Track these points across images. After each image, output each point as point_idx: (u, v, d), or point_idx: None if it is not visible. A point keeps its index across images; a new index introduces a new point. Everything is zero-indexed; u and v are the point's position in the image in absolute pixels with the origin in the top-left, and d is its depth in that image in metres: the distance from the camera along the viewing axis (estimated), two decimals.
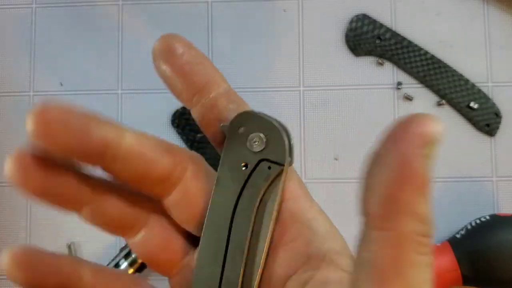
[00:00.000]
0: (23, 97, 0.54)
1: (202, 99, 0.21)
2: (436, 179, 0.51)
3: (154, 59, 0.20)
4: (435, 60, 0.51)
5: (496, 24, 0.52)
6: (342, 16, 0.53)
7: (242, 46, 0.53)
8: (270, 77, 0.52)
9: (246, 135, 0.20)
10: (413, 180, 0.15)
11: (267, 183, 0.20)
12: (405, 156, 0.15)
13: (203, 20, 0.54)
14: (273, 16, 0.53)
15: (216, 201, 0.20)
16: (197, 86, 0.20)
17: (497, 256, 0.44)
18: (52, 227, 0.52)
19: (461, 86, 0.51)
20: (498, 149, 0.51)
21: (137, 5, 0.54)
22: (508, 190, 0.50)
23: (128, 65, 0.53)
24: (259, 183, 0.20)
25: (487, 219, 0.46)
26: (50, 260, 0.20)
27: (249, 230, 0.20)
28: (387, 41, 0.52)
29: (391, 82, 0.52)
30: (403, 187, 0.15)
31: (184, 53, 0.20)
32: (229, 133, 0.20)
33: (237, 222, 0.20)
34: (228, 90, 0.21)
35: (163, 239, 0.21)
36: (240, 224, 0.20)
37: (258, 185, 0.20)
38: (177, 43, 0.20)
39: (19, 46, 0.55)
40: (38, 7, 0.55)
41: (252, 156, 0.20)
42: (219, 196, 0.20)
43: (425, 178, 0.15)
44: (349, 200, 0.50)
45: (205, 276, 0.20)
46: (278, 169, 0.20)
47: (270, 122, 0.20)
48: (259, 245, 0.20)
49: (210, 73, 0.21)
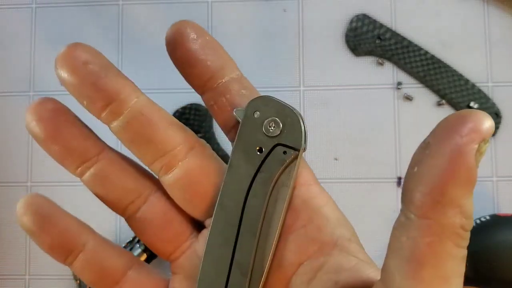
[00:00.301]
0: (23, 97, 0.54)
1: (214, 85, 0.21)
2: None
3: (167, 45, 0.21)
4: (435, 60, 0.51)
5: (496, 24, 0.52)
6: (342, 16, 0.53)
7: (242, 46, 0.53)
8: (270, 77, 0.52)
9: (262, 119, 0.20)
10: (464, 173, 0.15)
11: (282, 168, 0.20)
12: (460, 149, 0.15)
13: (203, 20, 0.54)
14: (273, 16, 0.53)
15: (228, 184, 0.20)
16: (210, 71, 0.20)
17: (497, 256, 0.44)
18: None
19: (461, 86, 0.51)
20: (498, 149, 0.51)
21: (137, 5, 0.54)
22: (508, 190, 0.50)
23: (128, 65, 0.53)
24: (273, 167, 0.20)
25: (487, 219, 0.46)
26: (60, 215, 0.20)
27: (261, 214, 0.20)
28: (387, 41, 0.52)
29: (391, 82, 0.52)
30: (454, 180, 0.15)
31: (197, 39, 0.20)
32: (245, 118, 0.20)
33: (250, 206, 0.20)
34: (240, 76, 0.21)
35: (164, 219, 0.21)
36: (253, 208, 0.20)
37: (272, 170, 0.20)
38: (190, 28, 0.20)
39: (19, 46, 0.55)
40: (38, 7, 0.55)
41: (268, 140, 0.20)
42: (232, 179, 0.20)
43: (474, 173, 0.15)
44: (349, 200, 0.51)
45: (215, 258, 0.20)
46: (294, 154, 0.20)
47: (287, 107, 0.20)
48: (271, 229, 0.20)
49: (223, 59, 0.21)
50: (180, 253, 0.22)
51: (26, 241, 0.52)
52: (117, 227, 0.52)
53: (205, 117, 0.52)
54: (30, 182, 0.53)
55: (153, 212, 0.21)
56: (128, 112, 0.20)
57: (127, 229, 0.52)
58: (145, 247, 0.48)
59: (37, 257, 0.52)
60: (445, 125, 0.15)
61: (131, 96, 0.20)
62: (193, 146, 0.21)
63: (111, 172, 0.21)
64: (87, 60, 0.19)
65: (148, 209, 0.21)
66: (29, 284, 0.52)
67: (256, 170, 0.20)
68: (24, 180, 0.53)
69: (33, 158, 0.53)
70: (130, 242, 0.50)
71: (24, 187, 0.53)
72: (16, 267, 0.52)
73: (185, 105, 0.52)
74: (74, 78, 0.19)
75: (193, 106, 0.52)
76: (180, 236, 0.21)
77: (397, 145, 0.51)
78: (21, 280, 0.52)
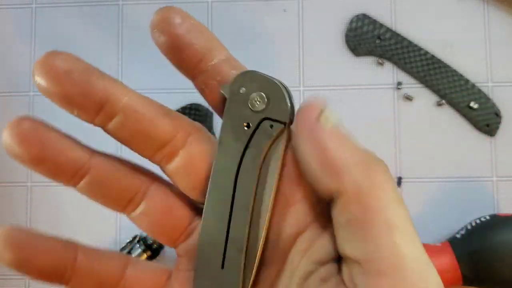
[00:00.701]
0: (23, 97, 0.54)
1: (204, 68, 0.20)
2: (436, 179, 0.51)
3: (152, 31, 0.20)
4: (435, 60, 0.51)
5: (496, 24, 0.52)
6: (342, 16, 0.53)
7: (242, 46, 0.53)
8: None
9: (247, 94, 0.20)
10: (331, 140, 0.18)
11: (270, 142, 0.20)
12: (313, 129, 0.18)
13: (203, 20, 0.54)
14: (273, 16, 0.53)
15: (219, 162, 0.20)
16: (199, 54, 0.20)
17: (497, 256, 0.44)
18: (52, 227, 0.52)
19: (461, 86, 0.51)
20: (498, 149, 0.51)
21: (137, 5, 0.54)
22: (508, 190, 0.50)
23: (128, 65, 0.53)
24: (262, 142, 0.20)
25: (487, 219, 0.46)
26: (42, 241, 0.20)
27: (253, 189, 0.20)
28: (387, 41, 0.52)
29: (391, 82, 0.52)
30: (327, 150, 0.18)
31: (182, 23, 0.20)
32: (230, 94, 0.20)
33: (241, 182, 0.20)
34: (229, 57, 0.21)
35: (165, 207, 0.21)
36: (244, 184, 0.20)
37: (260, 144, 0.20)
38: (175, 13, 0.20)
39: (19, 46, 0.55)
40: (38, 7, 0.55)
41: (254, 115, 0.20)
42: (222, 157, 0.20)
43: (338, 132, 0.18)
44: None
45: (210, 237, 0.20)
46: (280, 128, 0.20)
47: (271, 81, 0.20)
48: (263, 204, 0.20)
49: (211, 41, 0.20)
50: (185, 237, 0.22)
51: None
52: (117, 227, 0.52)
53: (205, 117, 0.52)
54: (30, 182, 0.53)
55: (154, 204, 0.21)
56: (122, 112, 0.19)
57: (127, 229, 0.52)
58: (145, 247, 0.48)
59: None
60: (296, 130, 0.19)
61: (121, 95, 0.19)
62: (190, 132, 0.20)
63: (104, 176, 0.20)
64: (69, 69, 0.19)
65: (149, 203, 0.21)
66: (29, 284, 0.52)
67: (245, 145, 0.20)
68: (24, 180, 0.53)
69: None
70: (130, 242, 0.50)
71: (24, 187, 0.53)
72: None
73: (185, 105, 0.52)
74: (60, 89, 0.18)
75: (193, 106, 0.52)
76: (183, 221, 0.22)
77: (397, 145, 0.51)
78: (21, 280, 0.52)
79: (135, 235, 0.50)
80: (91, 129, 0.21)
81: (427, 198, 0.50)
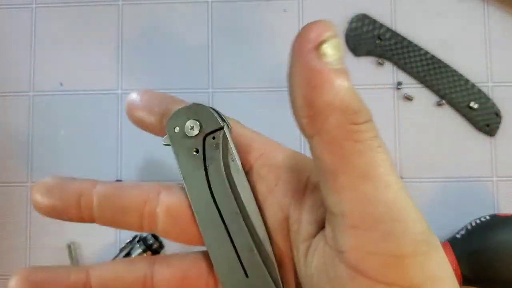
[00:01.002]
0: (23, 97, 0.54)
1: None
2: (436, 179, 0.51)
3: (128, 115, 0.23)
4: (435, 60, 0.51)
5: (496, 24, 0.52)
6: (342, 16, 0.53)
7: (242, 46, 0.53)
8: (271, 77, 0.52)
9: (182, 129, 0.22)
10: (315, 79, 0.17)
11: (220, 150, 0.22)
12: (305, 62, 0.17)
13: (203, 20, 0.54)
14: (273, 16, 0.53)
15: (193, 194, 0.22)
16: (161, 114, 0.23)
17: (497, 256, 0.44)
18: (52, 227, 0.52)
19: (461, 86, 0.51)
20: (498, 149, 0.51)
21: (137, 5, 0.54)
22: (508, 190, 0.50)
23: (128, 65, 0.53)
24: (214, 155, 0.22)
25: (487, 219, 0.46)
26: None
27: (231, 196, 0.21)
28: (387, 41, 0.52)
29: (391, 82, 0.52)
30: (311, 90, 0.17)
31: (139, 100, 0.23)
32: (170, 139, 0.22)
33: (219, 197, 0.22)
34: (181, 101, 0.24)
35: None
36: (222, 196, 0.21)
37: (215, 157, 0.22)
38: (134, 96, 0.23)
39: (19, 46, 0.55)
40: (38, 7, 0.55)
41: (196, 140, 0.22)
42: (193, 188, 0.22)
43: (329, 72, 0.17)
44: None
45: (221, 256, 0.22)
46: (221, 134, 0.22)
47: (191, 106, 0.22)
48: (250, 203, 0.21)
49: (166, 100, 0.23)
50: None
51: (26, 241, 0.52)
52: None
53: None
54: (30, 182, 0.53)
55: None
56: (97, 203, 0.21)
57: None
58: (145, 247, 0.48)
59: (37, 257, 0.52)
60: (292, 48, 0.17)
61: (89, 189, 0.22)
62: (159, 191, 0.22)
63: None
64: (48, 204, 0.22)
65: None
66: None
67: (204, 167, 0.22)
68: (24, 180, 0.53)
69: (33, 158, 0.53)
70: (130, 242, 0.50)
71: (24, 187, 0.53)
72: (16, 267, 0.52)
73: None
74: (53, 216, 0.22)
75: None
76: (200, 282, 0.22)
77: (397, 145, 0.51)
78: None
79: (135, 235, 0.50)
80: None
81: (427, 198, 0.50)
